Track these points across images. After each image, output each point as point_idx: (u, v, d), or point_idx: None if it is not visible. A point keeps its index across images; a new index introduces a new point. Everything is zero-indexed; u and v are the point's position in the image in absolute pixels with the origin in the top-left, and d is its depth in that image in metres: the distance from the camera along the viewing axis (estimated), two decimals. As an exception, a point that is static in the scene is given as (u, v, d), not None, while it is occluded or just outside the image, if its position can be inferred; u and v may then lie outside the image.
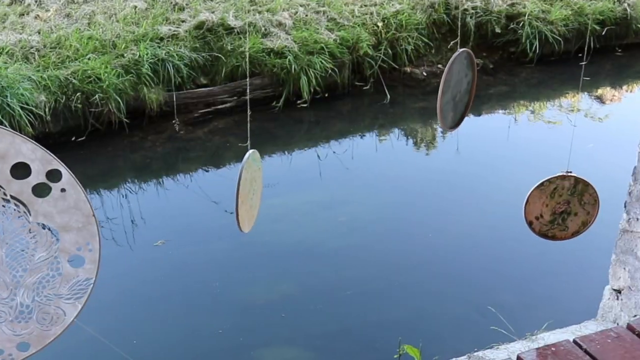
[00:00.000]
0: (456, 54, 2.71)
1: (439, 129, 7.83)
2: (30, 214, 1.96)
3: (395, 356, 3.03)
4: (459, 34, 3.17)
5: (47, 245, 2.01)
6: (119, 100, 7.24)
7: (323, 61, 8.19)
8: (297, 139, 7.78)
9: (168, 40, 7.97)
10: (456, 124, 2.91)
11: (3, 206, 1.92)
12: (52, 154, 1.92)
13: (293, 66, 7.98)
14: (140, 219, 5.97)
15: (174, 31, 8.05)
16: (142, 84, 7.50)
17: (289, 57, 8.05)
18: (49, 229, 2.01)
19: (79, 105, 7.14)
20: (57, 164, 1.93)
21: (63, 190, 1.97)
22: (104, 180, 6.91)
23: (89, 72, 7.28)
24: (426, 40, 9.19)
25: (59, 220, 1.99)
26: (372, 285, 4.79)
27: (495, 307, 3.90)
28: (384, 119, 8.35)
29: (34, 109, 6.75)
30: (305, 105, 8.11)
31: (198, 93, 7.86)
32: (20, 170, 1.94)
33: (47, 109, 6.92)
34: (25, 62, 7.46)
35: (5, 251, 1.98)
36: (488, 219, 5.63)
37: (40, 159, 1.91)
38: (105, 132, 7.37)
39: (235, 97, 8.00)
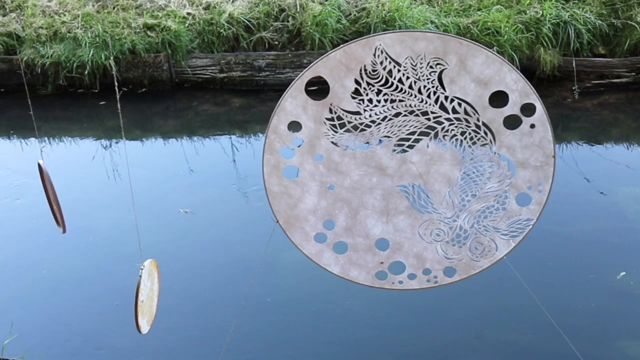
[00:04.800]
0: None
1: None
2: (494, 144, 1.97)
3: None
4: None
5: (501, 178, 2.01)
6: (514, 56, 7.14)
7: None
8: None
9: (574, 3, 7.61)
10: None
11: (474, 130, 1.96)
12: (532, 87, 1.89)
13: None
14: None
15: (581, -7, 7.67)
16: (539, 44, 7.30)
17: None
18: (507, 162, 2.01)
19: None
20: (534, 98, 1.91)
21: (532, 126, 1.94)
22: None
23: (489, 23, 7.29)
24: None
25: (520, 156, 1.97)
26: None
27: None
28: None
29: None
30: None
31: (595, 62, 7.41)
32: (495, 99, 1.96)
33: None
34: (429, 6, 7.73)
35: (462, 173, 2.03)
36: None
37: (520, 91, 1.90)
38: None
39: (633, 73, 7.40)
